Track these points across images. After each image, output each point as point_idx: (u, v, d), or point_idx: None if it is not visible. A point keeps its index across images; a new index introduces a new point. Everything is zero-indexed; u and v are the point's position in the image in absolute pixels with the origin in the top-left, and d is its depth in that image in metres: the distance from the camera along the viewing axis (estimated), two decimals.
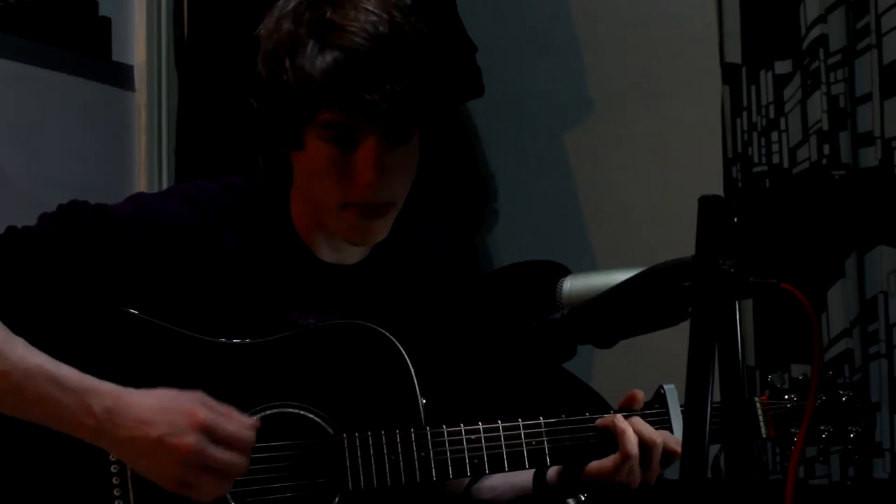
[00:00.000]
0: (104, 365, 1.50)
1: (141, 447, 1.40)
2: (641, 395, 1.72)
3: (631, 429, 1.64)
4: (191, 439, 1.40)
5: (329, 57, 1.50)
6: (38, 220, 1.56)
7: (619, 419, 1.65)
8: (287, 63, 1.52)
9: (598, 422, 1.67)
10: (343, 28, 1.51)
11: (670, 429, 1.70)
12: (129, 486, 1.48)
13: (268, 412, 1.55)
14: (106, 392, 1.43)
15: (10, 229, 1.54)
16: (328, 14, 1.52)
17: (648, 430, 1.65)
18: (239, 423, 1.44)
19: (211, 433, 1.42)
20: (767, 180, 3.02)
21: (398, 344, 1.59)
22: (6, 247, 1.51)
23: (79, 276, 1.51)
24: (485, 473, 1.60)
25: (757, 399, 1.80)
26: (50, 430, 1.44)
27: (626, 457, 1.63)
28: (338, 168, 1.55)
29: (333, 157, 1.54)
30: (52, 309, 1.51)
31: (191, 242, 1.57)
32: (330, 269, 1.67)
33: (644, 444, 1.64)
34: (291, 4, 1.56)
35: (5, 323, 1.46)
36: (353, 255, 1.70)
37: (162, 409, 1.43)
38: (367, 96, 1.49)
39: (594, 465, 1.66)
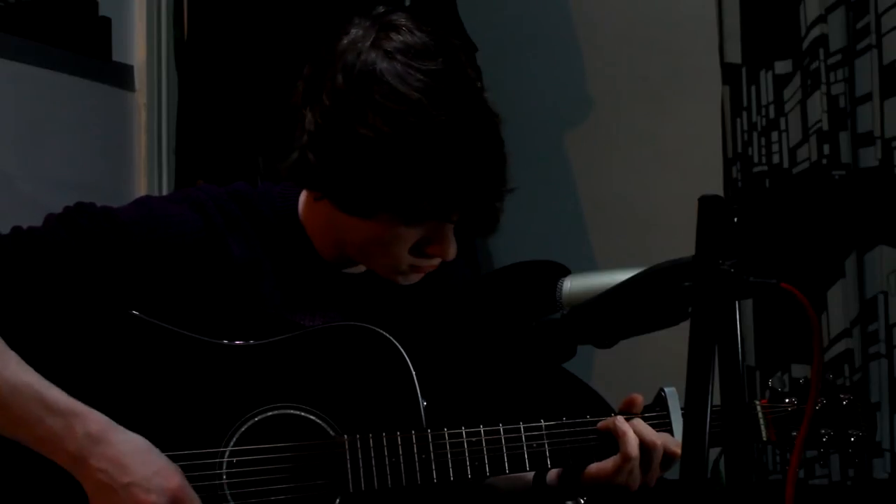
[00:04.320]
0: (108, 367, 1.50)
1: (108, 486, 1.41)
2: (640, 399, 1.72)
3: (632, 431, 1.64)
4: (157, 500, 1.41)
5: (479, 159, 1.54)
6: (44, 221, 1.55)
7: (621, 421, 1.65)
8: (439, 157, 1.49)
9: (600, 424, 1.67)
10: (491, 123, 1.58)
11: (671, 432, 1.70)
12: None
13: (269, 413, 1.55)
14: (93, 419, 1.43)
15: (16, 230, 1.54)
16: (476, 107, 1.56)
17: (649, 432, 1.65)
18: None
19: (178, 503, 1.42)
20: (767, 180, 3.02)
21: (399, 346, 1.59)
22: (12, 248, 1.50)
23: (83, 279, 1.51)
24: (486, 476, 1.60)
25: (757, 402, 1.79)
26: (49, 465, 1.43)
27: (626, 458, 1.63)
28: (412, 243, 1.55)
29: (410, 235, 1.54)
30: (57, 311, 1.50)
31: (197, 249, 1.56)
32: (341, 277, 1.67)
33: (645, 446, 1.64)
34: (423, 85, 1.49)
35: (8, 323, 1.46)
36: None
37: (143, 458, 1.43)
38: (497, 204, 1.55)
39: (594, 466, 1.66)
